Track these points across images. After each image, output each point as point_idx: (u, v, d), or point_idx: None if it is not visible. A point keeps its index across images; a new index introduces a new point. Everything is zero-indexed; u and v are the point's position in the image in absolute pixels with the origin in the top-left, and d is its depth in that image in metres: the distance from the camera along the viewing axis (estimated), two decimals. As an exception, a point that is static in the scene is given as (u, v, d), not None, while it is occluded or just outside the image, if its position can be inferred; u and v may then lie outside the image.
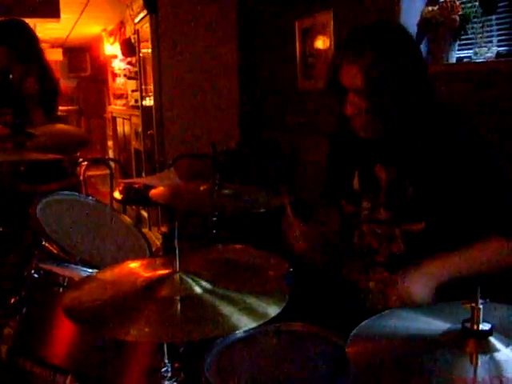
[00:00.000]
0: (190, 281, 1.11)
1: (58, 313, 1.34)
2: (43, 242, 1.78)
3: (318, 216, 2.01)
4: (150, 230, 5.16)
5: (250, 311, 1.03)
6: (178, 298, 1.05)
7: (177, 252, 1.09)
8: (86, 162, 5.19)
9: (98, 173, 6.76)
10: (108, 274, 1.24)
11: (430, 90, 1.61)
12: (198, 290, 1.09)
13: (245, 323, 1.00)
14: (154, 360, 1.19)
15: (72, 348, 1.38)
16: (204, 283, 1.11)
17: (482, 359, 0.94)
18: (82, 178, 4.98)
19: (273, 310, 1.05)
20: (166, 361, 1.12)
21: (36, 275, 1.46)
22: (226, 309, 1.04)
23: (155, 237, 4.45)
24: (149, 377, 1.18)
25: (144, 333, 0.95)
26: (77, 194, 2.26)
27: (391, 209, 1.62)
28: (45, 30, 7.01)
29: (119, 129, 7.10)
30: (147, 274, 1.16)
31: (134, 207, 5.39)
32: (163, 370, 1.11)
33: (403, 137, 1.59)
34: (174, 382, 1.11)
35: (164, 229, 3.78)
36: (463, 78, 2.46)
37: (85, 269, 1.65)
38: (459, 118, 1.59)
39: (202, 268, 1.19)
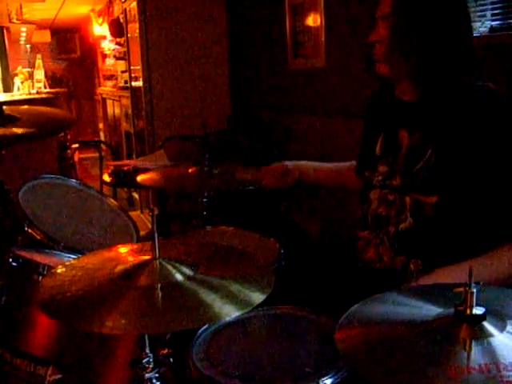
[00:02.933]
0: (170, 268, 1.06)
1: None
2: (26, 228, 1.74)
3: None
4: (141, 212, 5.13)
5: (233, 299, 0.99)
6: (158, 286, 1.01)
7: (156, 237, 1.05)
8: (76, 145, 5.15)
9: (90, 155, 6.72)
10: (86, 262, 1.20)
11: (469, 53, 1.53)
12: (178, 277, 1.04)
13: (227, 312, 0.95)
14: (138, 350, 1.15)
15: (53, 338, 1.34)
16: (185, 270, 1.06)
17: (475, 345, 0.90)
18: (72, 161, 4.95)
19: (257, 298, 1.00)
20: (148, 351, 1.07)
21: (14, 263, 1.41)
22: (208, 297, 0.99)
23: (147, 219, 4.41)
24: (134, 367, 1.14)
25: (120, 324, 0.90)
26: (61, 177, 2.20)
27: (408, 175, 1.55)
28: (32, 10, 6.92)
29: (109, 110, 7.03)
30: (126, 261, 1.11)
31: (125, 189, 5.36)
32: (144, 361, 1.07)
33: (432, 102, 1.53)
34: (156, 373, 1.07)
35: (155, 211, 3.74)
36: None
37: (69, 255, 1.61)
38: (497, 98, 1.51)
39: (185, 253, 1.15)
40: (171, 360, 1.26)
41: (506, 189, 1.42)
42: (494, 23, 2.34)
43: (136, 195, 5.40)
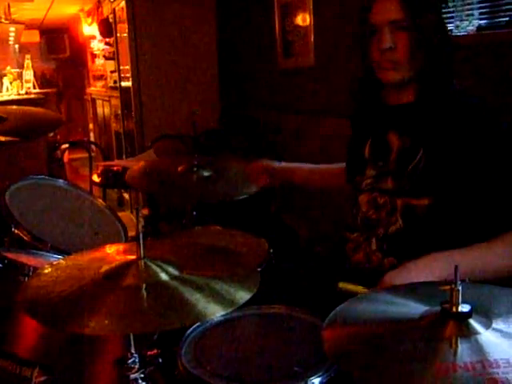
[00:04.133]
0: (155, 267, 1.05)
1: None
2: (13, 229, 1.73)
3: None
4: (131, 212, 5.10)
5: (218, 298, 0.98)
6: (143, 286, 1.00)
7: (140, 237, 1.04)
8: (65, 146, 5.13)
9: (80, 156, 6.69)
10: (72, 262, 1.19)
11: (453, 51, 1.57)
12: (164, 276, 1.04)
13: (212, 311, 0.95)
14: (124, 350, 1.14)
15: (38, 340, 1.33)
16: (171, 269, 1.06)
17: (462, 342, 0.90)
18: (61, 161, 4.92)
19: (242, 297, 0.99)
20: (133, 351, 1.07)
21: (0, 265, 1.40)
22: (193, 296, 0.98)
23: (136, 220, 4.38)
24: (119, 367, 1.13)
25: (103, 325, 0.89)
26: (49, 178, 2.19)
27: (399, 178, 1.55)
28: (20, 10, 6.86)
29: (99, 111, 6.99)
30: (112, 261, 1.10)
31: (116, 190, 5.33)
32: (130, 361, 1.06)
33: (427, 103, 1.54)
34: (141, 373, 1.06)
35: (145, 212, 3.73)
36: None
37: (57, 256, 1.60)
38: (480, 100, 1.53)
39: (171, 253, 1.14)
40: (159, 360, 1.25)
41: (496, 189, 1.42)
42: (481, 22, 2.35)
43: (126, 195, 5.37)
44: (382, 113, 1.65)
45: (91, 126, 8.64)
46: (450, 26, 2.48)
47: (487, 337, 0.90)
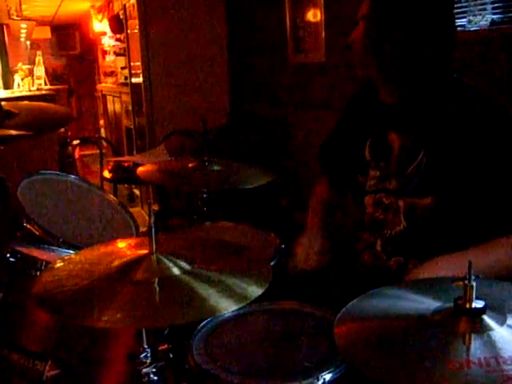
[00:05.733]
0: (167, 262, 1.05)
1: (35, 297, 1.29)
2: (25, 224, 1.74)
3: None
4: (142, 208, 5.12)
5: (229, 293, 0.98)
6: (155, 280, 1.00)
7: (152, 232, 1.04)
8: (76, 142, 5.14)
9: (91, 152, 6.71)
10: (84, 256, 1.19)
11: (448, 51, 1.52)
12: (176, 271, 1.04)
13: (224, 306, 0.94)
14: (137, 344, 1.14)
15: (50, 334, 1.34)
16: (183, 264, 1.06)
17: (475, 339, 0.89)
18: (72, 157, 4.94)
19: (254, 292, 0.99)
20: (146, 346, 1.07)
21: (12, 259, 1.40)
22: (205, 291, 0.98)
23: (148, 215, 4.40)
24: (131, 362, 1.13)
25: (116, 319, 0.89)
26: (60, 173, 2.20)
27: (401, 178, 1.53)
28: (32, 7, 6.90)
29: (110, 107, 7.02)
30: (124, 256, 1.10)
31: (126, 185, 5.35)
32: (142, 355, 1.06)
33: (414, 104, 1.52)
34: (153, 368, 1.06)
35: (155, 207, 3.74)
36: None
37: (68, 251, 1.60)
38: (480, 94, 1.49)
39: (183, 248, 1.14)
40: (170, 355, 1.26)
41: (498, 187, 1.40)
42: (494, 16, 2.33)
43: (137, 191, 5.39)
44: (380, 112, 1.63)
45: (102, 122, 8.67)
46: (463, 21, 2.46)
47: (501, 333, 0.90)
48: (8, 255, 1.41)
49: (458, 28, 2.49)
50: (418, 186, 1.50)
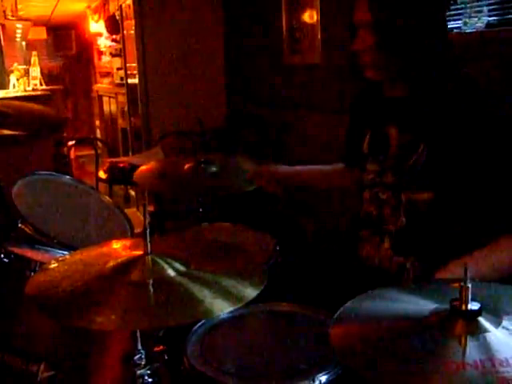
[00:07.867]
0: (162, 263, 1.05)
1: (30, 299, 1.28)
2: (19, 224, 1.73)
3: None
4: (137, 209, 5.10)
5: (225, 294, 0.98)
6: (150, 281, 0.99)
7: (147, 233, 1.03)
8: (72, 142, 5.14)
9: (86, 153, 6.70)
10: (79, 257, 1.18)
11: (448, 48, 1.54)
12: (171, 272, 1.03)
13: (219, 307, 0.94)
14: (131, 346, 1.14)
15: (45, 335, 1.33)
16: (178, 265, 1.05)
17: (471, 340, 0.89)
18: (67, 158, 4.93)
19: (249, 293, 0.99)
20: (140, 348, 1.06)
21: (6, 259, 1.40)
22: (200, 292, 0.98)
23: (143, 216, 4.38)
24: (125, 363, 1.13)
25: (110, 320, 0.89)
26: (55, 174, 2.19)
27: (400, 172, 1.54)
28: (27, 7, 6.87)
29: (105, 107, 7.00)
30: (119, 257, 1.10)
31: (122, 186, 5.34)
32: (136, 357, 1.05)
33: (422, 97, 1.52)
34: (148, 370, 1.06)
35: (151, 208, 3.73)
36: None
37: (63, 251, 1.59)
38: (482, 91, 1.51)
39: (178, 249, 1.14)
40: (165, 356, 1.25)
41: (500, 181, 1.40)
42: (490, 19, 2.33)
43: (132, 192, 5.37)
44: (381, 106, 1.64)
45: (97, 122, 8.65)
46: (459, 23, 2.46)
47: (496, 335, 0.90)
48: (2, 256, 1.41)
49: (454, 30, 2.50)
50: (418, 180, 1.49)
